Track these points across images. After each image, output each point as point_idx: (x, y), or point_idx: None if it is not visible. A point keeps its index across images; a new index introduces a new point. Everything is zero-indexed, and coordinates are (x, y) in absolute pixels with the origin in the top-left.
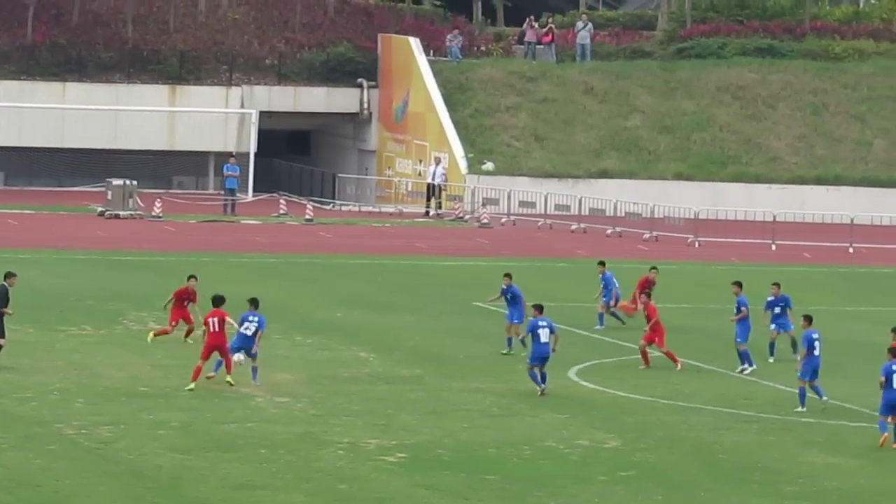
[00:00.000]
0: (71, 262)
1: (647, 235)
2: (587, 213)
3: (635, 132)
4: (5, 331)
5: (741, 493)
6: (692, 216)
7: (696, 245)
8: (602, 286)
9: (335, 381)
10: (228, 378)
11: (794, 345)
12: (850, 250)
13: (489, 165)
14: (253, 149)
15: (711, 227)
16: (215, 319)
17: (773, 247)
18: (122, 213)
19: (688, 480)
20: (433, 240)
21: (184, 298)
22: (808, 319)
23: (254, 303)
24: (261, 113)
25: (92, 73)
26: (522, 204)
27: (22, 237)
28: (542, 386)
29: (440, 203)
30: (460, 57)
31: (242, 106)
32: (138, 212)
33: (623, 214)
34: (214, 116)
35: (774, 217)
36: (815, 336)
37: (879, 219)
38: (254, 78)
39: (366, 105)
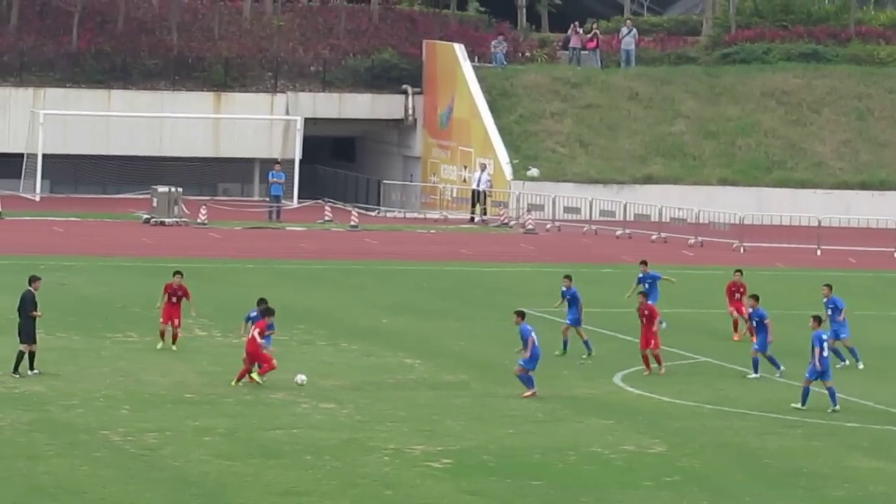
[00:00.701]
0: (116, 270)
1: (692, 241)
2: (632, 218)
3: (680, 137)
4: (35, 336)
5: (786, 498)
6: (737, 221)
7: (742, 251)
8: (643, 285)
9: (380, 388)
10: (255, 376)
11: (837, 353)
12: (895, 255)
13: (534, 171)
14: (298, 155)
15: (756, 232)
16: (257, 330)
17: (819, 252)
18: (167, 220)
19: (733, 486)
20: (478, 246)
21: (172, 295)
22: (818, 320)
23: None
24: (306, 120)
25: (137, 81)
26: (567, 210)
27: (67, 244)
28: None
29: (485, 209)
30: (505, 63)
31: (287, 113)
32: (183, 219)
33: (668, 220)
34: (259, 123)
35: (819, 222)
36: (825, 337)
37: None
38: (299, 85)
39: (410, 111)
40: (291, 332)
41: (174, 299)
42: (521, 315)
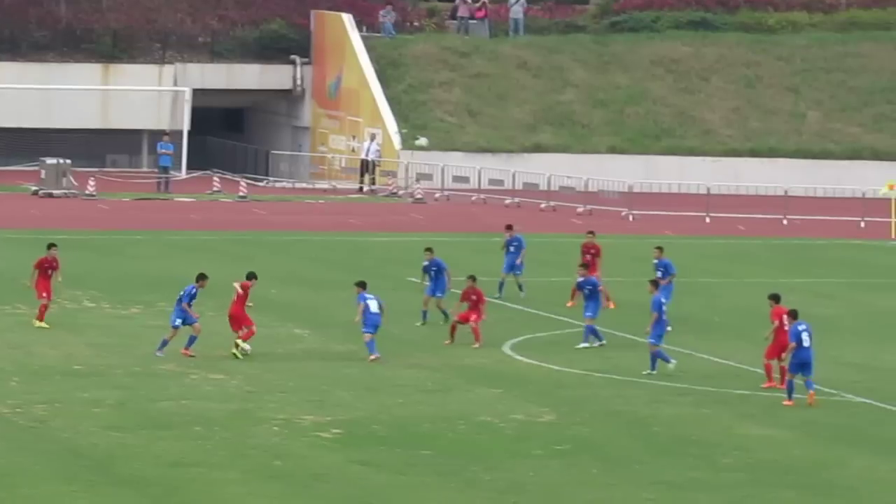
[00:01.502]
0: (4, 242)
1: (581, 209)
2: (521, 187)
3: (569, 106)
4: None
5: (677, 465)
6: (626, 189)
7: (631, 218)
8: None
9: (270, 358)
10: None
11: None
12: (784, 222)
13: (423, 141)
14: (186, 127)
15: (646, 200)
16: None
17: (708, 219)
18: (55, 191)
19: (623, 454)
20: (367, 216)
21: (46, 268)
22: (794, 314)
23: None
24: (194, 91)
25: (25, 53)
26: (456, 179)
27: None
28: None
29: (374, 179)
30: (394, 33)
31: (176, 84)
32: (72, 190)
33: (557, 188)
34: (148, 94)
35: (709, 190)
36: (802, 328)
37: (813, 190)
38: (187, 56)
39: (299, 82)
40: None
41: (50, 272)
42: (362, 285)
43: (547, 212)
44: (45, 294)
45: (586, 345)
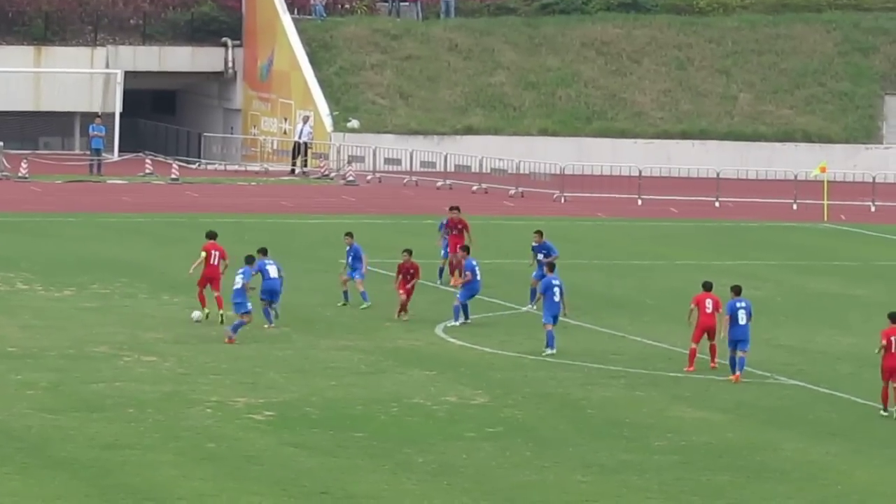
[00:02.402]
0: None
1: (512, 191)
2: (453, 169)
3: (500, 89)
4: None
5: (610, 448)
6: (558, 172)
7: (563, 201)
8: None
9: (203, 340)
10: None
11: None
12: (717, 204)
13: (354, 123)
14: (118, 109)
15: (577, 182)
16: (216, 252)
17: (640, 202)
18: None
19: (556, 436)
20: (299, 198)
21: None
22: (736, 290)
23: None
24: (126, 73)
25: None
26: (388, 161)
27: None
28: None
29: (306, 161)
30: (325, 15)
31: (107, 66)
32: (4, 173)
33: (489, 171)
34: (80, 77)
35: (640, 172)
36: (741, 305)
37: (745, 173)
38: (119, 38)
39: (230, 64)
40: (113, 285)
41: None
42: (263, 252)
43: (479, 194)
44: None
45: (455, 323)
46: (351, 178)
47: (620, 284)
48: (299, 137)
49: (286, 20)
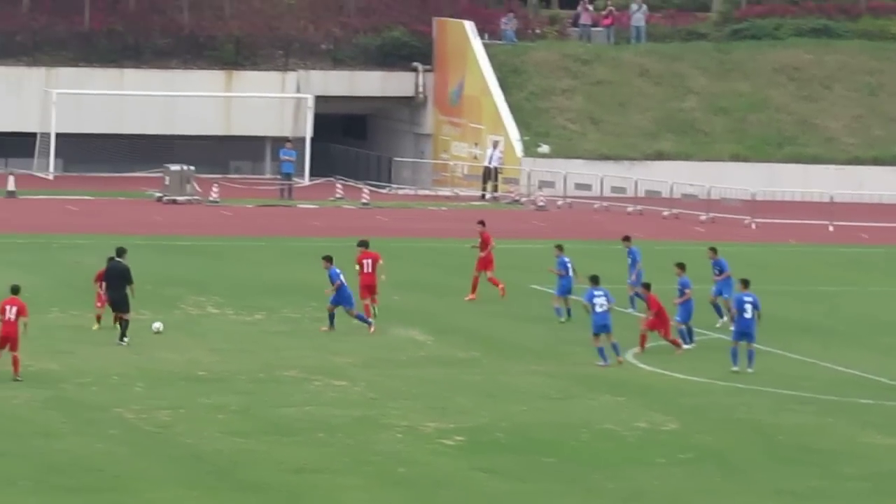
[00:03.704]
0: (129, 248)
1: (703, 217)
2: (643, 195)
3: (691, 114)
4: (128, 305)
5: (800, 475)
6: (749, 197)
7: (753, 226)
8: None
9: (393, 365)
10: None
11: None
12: None
13: (545, 148)
14: (309, 133)
15: (768, 208)
16: (368, 261)
17: (831, 228)
18: (179, 198)
19: (746, 462)
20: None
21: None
22: (745, 283)
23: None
24: (316, 97)
25: (148, 60)
26: (578, 186)
27: (80, 223)
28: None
29: (496, 186)
30: (515, 40)
31: (298, 91)
32: (195, 197)
33: (679, 196)
34: (270, 101)
35: (832, 198)
36: (748, 299)
37: None
38: (309, 63)
39: (421, 89)
40: (304, 309)
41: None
42: (329, 260)
43: (669, 220)
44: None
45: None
46: (541, 204)
47: (811, 310)
48: (490, 162)
49: (476, 45)
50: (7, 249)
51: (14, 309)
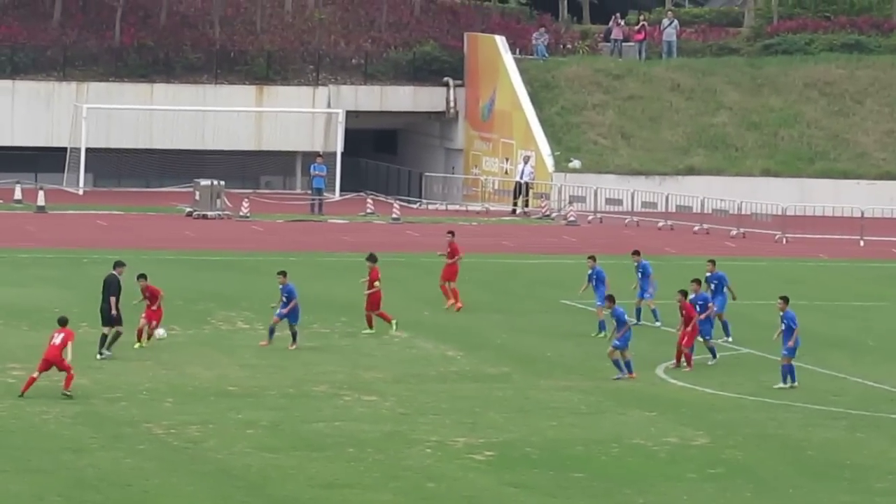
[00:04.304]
0: (159, 263)
1: (734, 232)
2: (674, 210)
3: (722, 129)
4: (118, 319)
5: (830, 490)
6: (780, 213)
7: (784, 241)
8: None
9: (422, 380)
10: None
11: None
12: None
13: (576, 163)
14: (340, 148)
15: (799, 223)
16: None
17: (862, 243)
18: (209, 213)
19: (776, 478)
20: (520, 238)
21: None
22: (786, 300)
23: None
24: (347, 112)
25: (179, 75)
26: (609, 201)
27: (110, 238)
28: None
29: (527, 201)
30: (546, 55)
31: (329, 106)
32: (226, 212)
33: (710, 211)
34: (301, 116)
35: (863, 213)
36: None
37: None
38: (340, 78)
39: (452, 104)
40: (334, 325)
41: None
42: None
43: (700, 235)
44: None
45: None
46: (572, 219)
47: (842, 325)
48: (521, 177)
49: (508, 60)
50: (37, 265)
51: (61, 336)
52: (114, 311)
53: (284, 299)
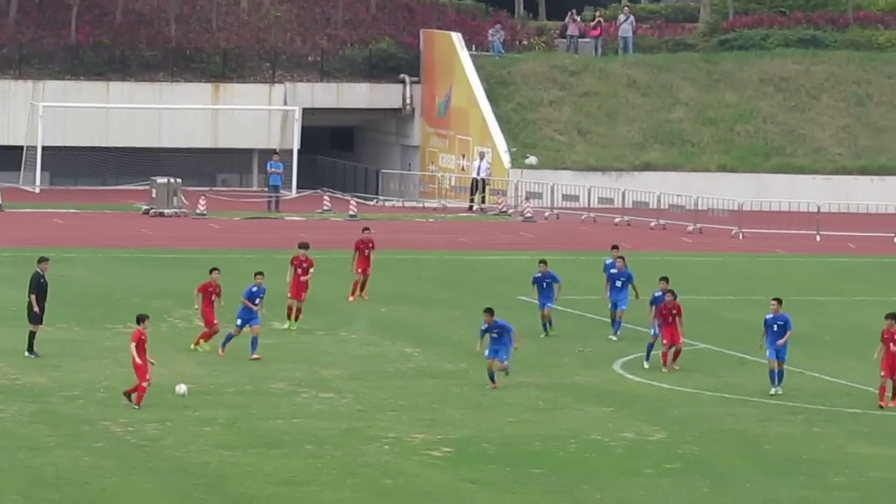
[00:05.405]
0: (116, 261)
1: (691, 228)
2: (631, 206)
3: (678, 125)
4: (41, 318)
5: (787, 484)
6: (736, 208)
7: (741, 237)
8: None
9: (380, 377)
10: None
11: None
12: (895, 241)
13: (532, 159)
14: (296, 146)
15: (756, 218)
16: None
17: (818, 238)
18: (166, 211)
19: (734, 472)
20: (477, 234)
21: (210, 293)
22: (780, 302)
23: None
24: (304, 110)
25: (135, 72)
26: (566, 197)
27: (67, 236)
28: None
29: (484, 198)
30: (502, 51)
31: (285, 103)
32: (183, 210)
33: (667, 207)
34: (258, 114)
35: (819, 208)
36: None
37: None
38: (296, 75)
39: (408, 101)
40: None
41: (213, 297)
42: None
43: (657, 230)
44: (215, 322)
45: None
46: (529, 215)
47: (798, 320)
48: (477, 174)
49: (464, 57)
50: None
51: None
52: (35, 309)
53: (544, 286)
